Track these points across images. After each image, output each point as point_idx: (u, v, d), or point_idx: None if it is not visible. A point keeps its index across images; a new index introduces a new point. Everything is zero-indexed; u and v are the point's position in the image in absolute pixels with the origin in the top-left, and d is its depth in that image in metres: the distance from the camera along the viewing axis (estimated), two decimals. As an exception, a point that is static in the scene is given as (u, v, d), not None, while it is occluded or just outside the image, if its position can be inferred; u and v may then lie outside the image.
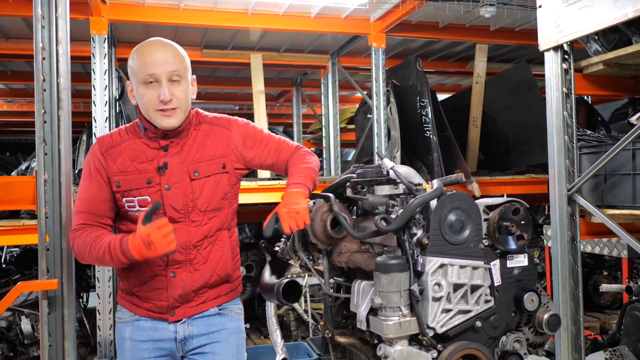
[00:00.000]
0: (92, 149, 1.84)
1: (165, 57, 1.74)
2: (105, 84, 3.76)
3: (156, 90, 1.72)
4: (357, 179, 1.56)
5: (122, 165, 1.78)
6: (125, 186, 1.77)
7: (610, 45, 3.01)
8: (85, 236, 1.73)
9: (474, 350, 1.36)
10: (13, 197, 2.70)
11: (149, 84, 1.73)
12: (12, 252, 6.85)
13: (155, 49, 1.76)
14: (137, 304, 1.84)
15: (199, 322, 1.85)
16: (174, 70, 1.74)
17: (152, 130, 1.79)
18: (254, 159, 1.91)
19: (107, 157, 1.79)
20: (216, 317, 1.87)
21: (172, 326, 1.83)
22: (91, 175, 1.79)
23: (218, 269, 1.85)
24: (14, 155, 11.59)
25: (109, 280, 3.65)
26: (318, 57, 5.49)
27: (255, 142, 1.91)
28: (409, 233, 1.41)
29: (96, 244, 1.70)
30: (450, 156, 4.23)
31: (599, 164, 2.66)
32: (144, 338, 1.83)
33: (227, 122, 1.91)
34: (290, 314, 4.71)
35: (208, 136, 1.85)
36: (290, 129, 7.74)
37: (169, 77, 1.73)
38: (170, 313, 1.81)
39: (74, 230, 1.78)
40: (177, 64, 1.76)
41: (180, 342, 1.84)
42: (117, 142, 1.81)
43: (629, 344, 3.15)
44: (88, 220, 1.77)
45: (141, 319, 1.84)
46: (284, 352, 1.78)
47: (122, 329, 1.87)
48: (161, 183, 1.77)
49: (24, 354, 4.03)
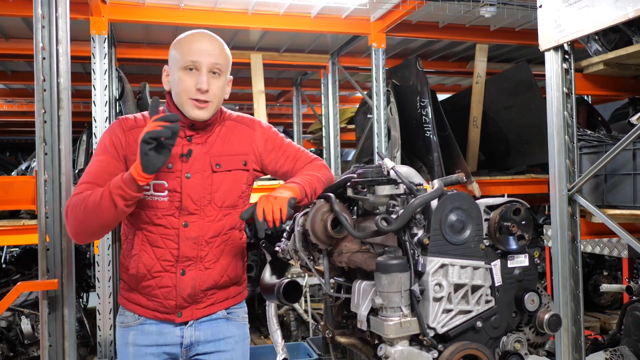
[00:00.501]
0: (112, 127, 1.77)
1: (211, 48, 1.74)
2: (106, 84, 3.76)
3: (195, 78, 1.71)
4: (358, 179, 1.56)
5: None
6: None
7: (610, 45, 3.01)
8: (82, 194, 1.64)
9: (475, 350, 1.36)
10: (13, 197, 2.70)
11: (189, 70, 1.71)
12: (12, 252, 6.85)
13: (203, 38, 1.76)
14: (142, 303, 1.79)
15: (206, 327, 1.83)
16: (217, 63, 1.74)
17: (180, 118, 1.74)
18: (270, 164, 1.89)
19: (128, 135, 1.74)
20: (223, 323, 1.85)
21: (178, 330, 1.80)
22: (107, 149, 1.73)
23: (229, 269, 1.84)
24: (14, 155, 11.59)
25: (109, 280, 3.65)
26: (318, 57, 5.49)
27: (275, 146, 1.90)
28: (409, 233, 1.41)
29: (92, 195, 1.61)
30: (451, 156, 4.23)
31: (599, 164, 2.66)
32: (148, 343, 1.78)
33: (251, 121, 1.90)
34: (290, 314, 4.71)
35: (232, 133, 1.84)
36: (290, 129, 7.75)
37: (210, 68, 1.72)
38: (177, 314, 1.78)
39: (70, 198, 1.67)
40: (221, 58, 1.76)
41: (185, 348, 1.81)
42: (141, 124, 1.76)
43: (629, 344, 3.15)
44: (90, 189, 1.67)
45: (146, 323, 1.79)
46: (285, 352, 1.78)
47: (124, 333, 1.81)
48: (182, 170, 1.74)
49: (24, 354, 4.03)
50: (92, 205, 1.60)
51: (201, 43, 1.74)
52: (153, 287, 1.76)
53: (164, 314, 1.78)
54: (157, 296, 1.77)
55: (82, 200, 1.63)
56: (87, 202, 1.62)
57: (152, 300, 1.78)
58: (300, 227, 1.67)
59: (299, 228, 1.67)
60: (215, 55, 1.74)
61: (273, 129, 1.94)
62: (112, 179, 1.62)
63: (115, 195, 1.58)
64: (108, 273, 3.65)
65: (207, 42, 1.75)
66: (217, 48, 1.76)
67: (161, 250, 1.75)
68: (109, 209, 1.59)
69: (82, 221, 1.64)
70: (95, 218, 1.62)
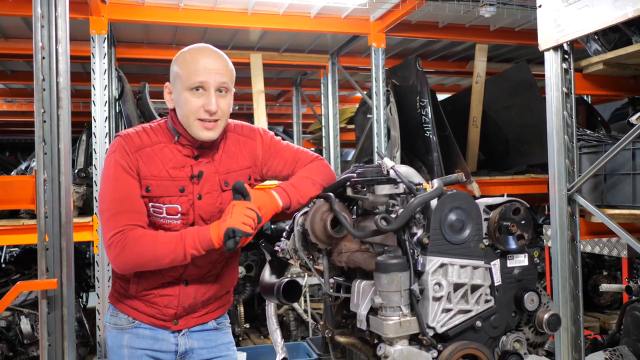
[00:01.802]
0: (118, 146, 1.68)
1: (218, 66, 1.68)
2: (105, 83, 3.76)
3: (202, 99, 1.66)
4: (357, 178, 1.56)
5: (154, 169, 1.68)
6: (155, 192, 1.68)
7: (610, 45, 3.01)
8: (141, 235, 1.61)
9: (474, 350, 1.36)
10: (12, 196, 2.70)
11: (195, 91, 1.66)
12: (11, 252, 6.85)
13: (209, 55, 1.70)
14: (139, 309, 1.78)
15: (198, 336, 1.84)
16: (224, 82, 1.69)
17: (187, 138, 1.72)
18: (270, 170, 1.88)
19: (137, 157, 1.68)
20: (213, 332, 1.88)
21: (173, 338, 1.81)
22: (124, 171, 1.66)
23: (229, 282, 1.87)
24: (14, 155, 11.58)
25: (108, 280, 3.65)
26: (318, 57, 5.48)
27: (273, 152, 1.87)
28: (409, 232, 1.41)
29: (160, 239, 1.61)
30: (450, 156, 4.23)
31: (598, 164, 2.66)
32: (144, 346, 1.78)
33: (251, 132, 1.86)
34: (290, 313, 4.71)
35: (235, 147, 1.81)
36: (290, 129, 7.74)
37: (217, 87, 1.68)
38: (174, 322, 1.79)
39: (123, 231, 1.61)
40: (227, 75, 1.71)
41: (180, 356, 1.82)
42: (147, 143, 1.70)
43: (628, 344, 3.15)
44: (135, 220, 1.63)
45: (140, 326, 1.79)
46: (284, 352, 1.78)
47: (118, 335, 1.80)
48: (194, 192, 1.71)
49: (23, 353, 4.03)
50: (162, 253, 1.60)
51: (207, 61, 1.68)
52: (154, 296, 1.77)
53: (160, 320, 1.79)
54: (157, 304, 1.77)
55: (145, 243, 1.60)
56: (155, 249, 1.60)
57: (150, 307, 1.78)
58: (299, 227, 1.67)
59: (299, 227, 1.67)
60: (222, 74, 1.68)
61: (270, 134, 1.91)
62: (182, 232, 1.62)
63: (188, 254, 1.61)
64: (108, 273, 3.64)
65: (212, 60, 1.69)
66: (223, 66, 1.70)
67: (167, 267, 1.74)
68: (179, 261, 1.63)
69: (142, 262, 1.63)
70: (158, 263, 1.63)
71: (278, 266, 1.86)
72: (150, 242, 1.61)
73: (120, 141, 1.70)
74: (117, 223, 1.63)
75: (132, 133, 1.73)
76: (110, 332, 1.83)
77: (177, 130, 1.73)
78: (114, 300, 1.84)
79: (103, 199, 1.68)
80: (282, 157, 1.88)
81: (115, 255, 1.62)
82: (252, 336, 4.89)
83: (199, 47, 1.74)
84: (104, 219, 1.66)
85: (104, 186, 1.69)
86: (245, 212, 1.59)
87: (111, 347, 1.82)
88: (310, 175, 1.81)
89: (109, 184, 1.68)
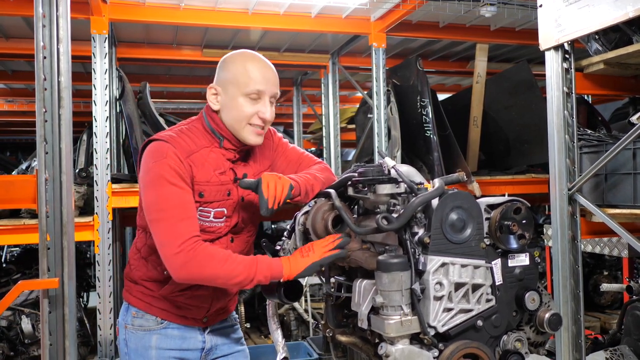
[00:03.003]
0: (167, 152, 1.63)
1: (274, 77, 1.76)
2: (106, 83, 3.76)
3: (257, 106, 1.72)
4: (359, 178, 1.56)
5: (206, 174, 1.69)
6: (208, 197, 1.70)
7: (611, 44, 3.01)
8: (214, 250, 1.61)
9: (475, 349, 1.36)
10: (14, 196, 2.71)
11: (253, 98, 1.71)
12: (12, 251, 6.86)
13: (266, 66, 1.76)
14: (168, 309, 1.78)
15: (220, 332, 1.90)
16: (276, 93, 1.77)
17: (232, 142, 1.75)
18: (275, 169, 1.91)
19: (189, 163, 1.66)
20: (230, 328, 1.94)
21: (200, 336, 1.84)
22: (180, 179, 1.63)
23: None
24: (15, 155, 11.59)
25: (109, 279, 3.65)
26: (318, 56, 5.49)
27: (280, 152, 1.93)
28: (410, 232, 1.41)
29: (233, 259, 1.59)
30: (451, 156, 4.23)
31: (599, 164, 2.66)
32: (172, 347, 1.79)
33: (268, 133, 1.90)
34: (290, 313, 4.71)
35: (259, 148, 1.87)
36: (290, 129, 7.75)
37: (270, 97, 1.74)
38: (204, 319, 1.83)
39: (193, 242, 1.58)
40: (278, 87, 1.79)
41: (205, 353, 1.86)
42: (194, 149, 1.70)
43: (629, 344, 3.15)
44: (196, 229, 1.62)
45: (169, 327, 1.79)
46: (285, 352, 1.78)
47: (145, 337, 1.78)
48: (238, 195, 1.76)
49: (24, 353, 4.04)
50: (231, 274, 1.58)
51: (268, 72, 1.74)
52: (188, 296, 1.77)
53: (191, 320, 1.81)
54: (189, 305, 1.78)
55: (215, 260, 1.58)
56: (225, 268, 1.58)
57: (181, 308, 1.79)
58: (301, 226, 1.67)
59: (300, 227, 1.68)
60: (276, 85, 1.77)
61: (279, 135, 1.98)
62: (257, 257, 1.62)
63: (256, 280, 1.60)
64: (108, 272, 3.65)
65: (271, 72, 1.76)
66: (276, 77, 1.78)
67: None
68: (245, 283, 1.60)
69: (208, 277, 1.60)
70: (225, 283, 1.62)
71: (279, 266, 1.86)
72: (222, 259, 1.58)
73: (170, 147, 1.65)
74: (183, 230, 1.58)
75: (176, 137, 1.69)
76: (135, 334, 1.79)
77: (221, 134, 1.75)
78: (138, 302, 1.81)
79: (159, 206, 1.61)
80: (287, 157, 1.93)
81: (182, 265, 1.57)
82: (252, 336, 4.89)
83: (255, 55, 1.78)
84: (164, 226, 1.59)
85: (159, 192, 1.62)
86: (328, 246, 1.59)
87: (136, 349, 1.79)
88: (313, 172, 1.84)
89: (165, 190, 1.62)
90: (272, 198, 1.62)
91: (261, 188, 1.63)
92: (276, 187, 1.63)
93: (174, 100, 7.71)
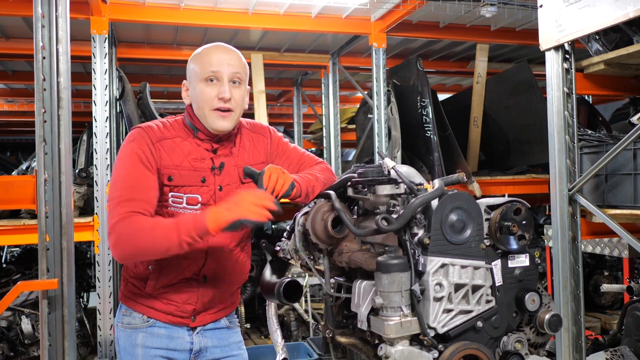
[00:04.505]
0: (137, 136, 1.69)
1: (230, 58, 1.76)
2: (106, 83, 3.76)
3: (216, 89, 1.72)
4: (358, 178, 1.56)
5: (176, 159, 1.72)
6: (178, 181, 1.71)
7: (611, 44, 3.00)
8: (139, 221, 1.59)
9: (475, 350, 1.35)
10: (13, 196, 2.70)
11: (210, 81, 1.72)
12: (12, 251, 6.85)
13: (222, 49, 1.79)
14: (156, 307, 1.78)
15: (212, 334, 1.86)
16: (237, 72, 1.75)
17: (205, 132, 1.76)
18: None
19: (158, 147, 1.70)
20: (225, 331, 1.90)
21: (188, 336, 1.81)
22: (140, 161, 1.66)
23: (242, 275, 1.89)
24: (15, 155, 11.59)
25: (109, 280, 3.65)
26: (318, 57, 5.49)
27: (281, 152, 1.93)
28: (410, 233, 1.41)
29: (157, 230, 1.57)
30: (451, 156, 4.23)
31: (599, 164, 2.66)
32: (158, 345, 1.78)
33: (262, 129, 1.93)
34: (290, 313, 4.70)
35: (251, 142, 1.87)
36: (290, 129, 7.74)
37: (230, 78, 1.74)
38: (192, 318, 1.80)
39: (120, 220, 1.58)
40: (240, 67, 1.78)
41: (194, 354, 1.83)
42: (167, 135, 1.74)
43: (629, 344, 3.14)
44: (140, 208, 1.61)
45: (155, 325, 1.78)
46: (285, 352, 1.78)
47: (132, 335, 1.79)
48: (215, 183, 1.76)
49: (24, 353, 4.04)
50: (157, 242, 1.57)
51: (220, 54, 1.76)
52: (173, 293, 1.77)
53: (178, 317, 1.79)
54: (175, 301, 1.77)
55: (141, 230, 1.57)
56: (151, 237, 1.57)
57: (168, 305, 1.78)
58: (300, 227, 1.67)
59: (299, 228, 1.67)
60: (234, 65, 1.75)
61: (279, 134, 1.97)
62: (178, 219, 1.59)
63: (184, 242, 1.56)
64: (108, 273, 3.65)
65: (225, 53, 1.77)
66: (236, 58, 1.78)
67: (188, 261, 1.75)
68: (174, 250, 1.58)
69: (140, 251, 1.60)
70: (155, 252, 1.60)
71: (279, 266, 1.86)
72: (148, 229, 1.58)
73: (140, 132, 1.71)
74: (121, 210, 1.60)
75: (151, 125, 1.76)
76: (123, 331, 1.81)
77: (195, 126, 1.77)
78: (127, 300, 1.83)
79: (114, 187, 1.66)
80: (288, 157, 1.93)
81: (114, 244, 1.59)
82: (252, 336, 4.89)
83: (213, 44, 1.83)
84: (110, 207, 1.64)
85: (116, 175, 1.68)
86: (257, 200, 1.56)
87: (124, 346, 1.80)
88: (314, 173, 1.85)
89: (121, 172, 1.67)
90: (270, 189, 1.63)
91: (262, 177, 1.64)
92: (277, 180, 1.65)
93: (174, 100, 7.70)
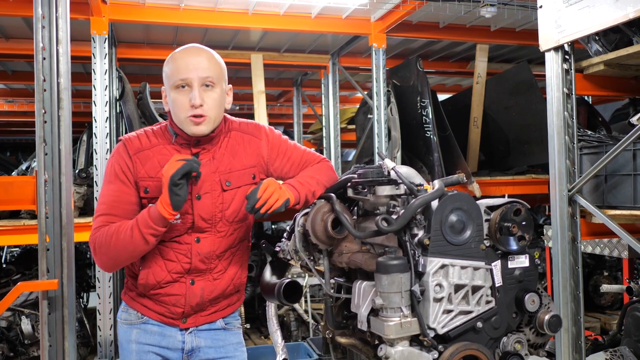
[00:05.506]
0: (117, 150, 1.76)
1: (198, 61, 1.70)
2: (106, 84, 3.76)
3: (187, 95, 1.68)
4: (358, 179, 1.56)
5: (151, 170, 1.72)
6: (153, 192, 1.71)
7: (611, 45, 3.00)
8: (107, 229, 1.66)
9: (475, 351, 1.35)
10: (13, 197, 2.70)
11: (180, 88, 1.69)
12: (12, 252, 6.85)
13: (190, 53, 1.73)
14: (148, 306, 1.80)
15: (206, 335, 1.85)
16: (207, 77, 1.70)
17: (183, 137, 1.74)
18: (276, 171, 1.88)
19: (135, 160, 1.72)
20: (221, 332, 1.88)
21: (180, 336, 1.82)
22: (117, 177, 1.72)
23: (235, 278, 1.86)
24: (15, 155, 11.58)
25: (109, 280, 3.65)
26: (318, 57, 5.48)
27: (280, 152, 1.87)
28: (410, 234, 1.41)
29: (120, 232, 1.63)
30: (451, 156, 4.23)
31: (599, 165, 2.66)
32: (150, 342, 1.81)
33: (256, 129, 1.87)
34: (290, 314, 4.70)
35: (239, 144, 1.81)
36: (290, 129, 7.74)
37: (201, 82, 1.69)
38: (182, 320, 1.81)
39: (93, 234, 1.68)
40: (211, 70, 1.72)
41: (186, 354, 1.83)
42: (146, 145, 1.75)
43: (629, 345, 3.14)
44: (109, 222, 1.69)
45: (149, 322, 1.81)
46: (285, 353, 1.78)
47: (127, 330, 1.83)
48: (192, 192, 1.72)
49: (24, 354, 4.03)
50: (124, 244, 1.64)
51: (188, 59, 1.70)
52: (162, 295, 1.78)
53: (169, 318, 1.81)
54: (165, 302, 1.79)
55: (109, 237, 1.65)
56: (117, 240, 1.64)
57: (159, 305, 1.79)
58: (300, 228, 1.67)
59: (299, 228, 1.67)
60: (203, 69, 1.70)
61: (277, 133, 1.91)
62: (137, 216, 1.65)
63: (147, 235, 1.62)
64: (109, 273, 3.64)
65: (193, 57, 1.71)
66: (205, 60, 1.72)
67: (173, 263, 1.76)
68: (141, 246, 1.64)
69: (113, 258, 1.68)
70: (126, 254, 1.68)
71: (279, 267, 1.86)
72: (113, 233, 1.65)
73: (120, 145, 1.77)
74: (96, 225, 1.69)
75: (133, 137, 1.78)
76: (121, 327, 1.86)
77: (175, 131, 1.77)
78: (125, 297, 1.87)
79: (98, 202, 1.77)
80: (290, 158, 1.88)
81: (94, 256, 1.69)
82: (252, 336, 4.88)
83: (184, 47, 1.77)
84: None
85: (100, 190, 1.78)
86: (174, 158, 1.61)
87: (121, 342, 1.85)
88: (314, 175, 1.83)
89: (103, 188, 1.76)
90: (262, 201, 1.63)
91: (258, 187, 1.65)
92: (272, 195, 1.64)
93: (174, 100, 7.69)
